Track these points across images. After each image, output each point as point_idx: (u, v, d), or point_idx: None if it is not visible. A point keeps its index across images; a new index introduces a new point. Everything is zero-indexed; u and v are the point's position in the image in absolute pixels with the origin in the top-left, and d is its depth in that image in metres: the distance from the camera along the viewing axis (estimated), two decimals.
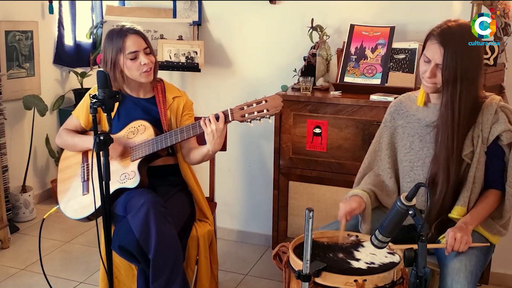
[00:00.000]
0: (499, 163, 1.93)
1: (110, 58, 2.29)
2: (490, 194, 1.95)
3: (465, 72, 1.84)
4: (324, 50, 2.83)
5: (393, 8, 2.83)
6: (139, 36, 2.31)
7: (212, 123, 2.13)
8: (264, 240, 3.36)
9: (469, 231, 1.84)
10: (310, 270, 1.58)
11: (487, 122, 1.90)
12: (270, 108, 2.07)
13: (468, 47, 1.85)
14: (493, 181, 1.95)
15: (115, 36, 2.29)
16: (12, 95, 3.74)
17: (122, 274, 2.32)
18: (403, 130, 2.07)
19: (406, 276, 1.70)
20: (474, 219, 1.89)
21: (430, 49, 1.89)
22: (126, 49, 2.27)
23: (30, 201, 3.77)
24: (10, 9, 3.73)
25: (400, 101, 2.13)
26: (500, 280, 2.87)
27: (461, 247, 1.80)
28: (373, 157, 2.16)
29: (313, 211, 1.52)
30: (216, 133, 2.14)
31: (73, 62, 4.35)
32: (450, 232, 1.83)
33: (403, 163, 2.06)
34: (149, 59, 2.31)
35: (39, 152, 4.10)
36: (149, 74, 2.33)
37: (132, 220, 2.10)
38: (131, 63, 2.28)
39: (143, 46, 2.31)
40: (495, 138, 1.90)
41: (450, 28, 1.87)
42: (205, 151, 2.26)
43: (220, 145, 2.19)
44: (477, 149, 1.90)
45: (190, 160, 2.39)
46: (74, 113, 2.50)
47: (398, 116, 2.10)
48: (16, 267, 3.11)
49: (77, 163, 2.44)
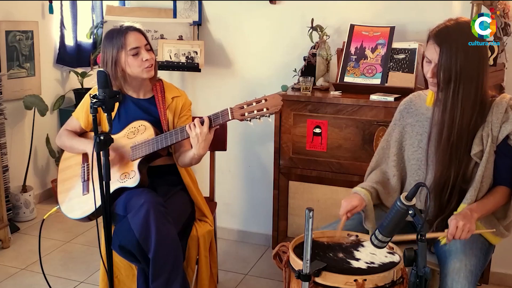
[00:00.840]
0: (508, 161, 1.92)
1: (111, 57, 2.29)
2: (499, 190, 1.93)
3: (462, 71, 1.83)
4: (324, 50, 2.84)
5: (393, 8, 2.84)
6: (139, 33, 2.33)
7: (196, 127, 2.13)
8: (264, 240, 3.36)
9: (473, 219, 1.80)
10: (310, 270, 1.58)
11: (497, 121, 1.89)
12: (270, 107, 2.07)
13: (465, 46, 1.85)
14: (502, 179, 1.94)
15: (115, 34, 2.30)
16: (12, 95, 3.74)
17: (122, 273, 2.32)
18: (412, 129, 2.07)
19: (406, 276, 1.70)
20: (480, 208, 1.86)
21: (429, 49, 1.90)
22: (127, 45, 2.28)
23: (31, 201, 3.77)
24: (11, 9, 3.73)
25: (410, 99, 2.13)
26: (500, 280, 2.87)
27: (463, 235, 1.76)
28: (381, 154, 2.17)
29: (313, 210, 1.52)
30: (201, 137, 2.13)
31: (74, 62, 4.36)
32: (452, 219, 1.79)
33: (411, 161, 2.07)
34: (150, 55, 2.32)
35: (40, 152, 4.10)
36: (151, 70, 2.35)
37: (132, 220, 2.10)
38: (132, 59, 2.29)
39: (144, 42, 2.32)
40: (505, 137, 1.89)
41: (447, 28, 1.88)
42: (191, 154, 2.26)
43: (205, 150, 2.18)
44: (486, 148, 1.89)
45: (180, 163, 2.38)
46: (74, 114, 2.50)
47: (407, 115, 2.10)
48: (17, 266, 3.11)
49: (78, 163, 2.44)
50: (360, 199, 2.01)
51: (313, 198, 2.77)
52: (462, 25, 1.89)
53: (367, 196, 2.03)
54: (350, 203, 1.98)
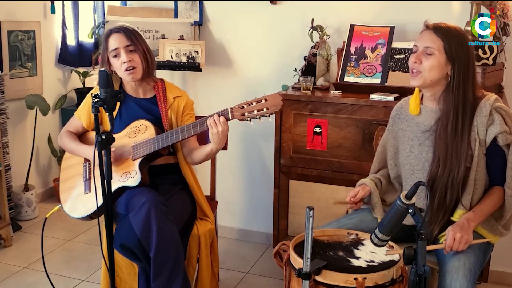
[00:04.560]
0: (500, 161, 1.92)
1: (102, 58, 2.35)
2: (494, 191, 1.94)
3: (458, 61, 1.87)
4: (324, 49, 2.85)
5: (393, 8, 2.84)
6: (121, 34, 2.29)
7: (218, 125, 2.15)
8: (265, 239, 3.37)
9: (470, 229, 1.82)
10: (311, 268, 1.59)
11: (482, 124, 1.88)
12: (270, 106, 2.08)
13: (462, 42, 1.88)
14: (496, 179, 1.94)
15: (105, 36, 2.35)
16: (14, 95, 3.75)
17: (124, 272, 2.33)
18: (404, 134, 2.08)
19: (406, 274, 1.71)
20: (477, 216, 1.87)
21: (420, 37, 1.94)
22: (109, 47, 2.31)
23: (33, 200, 3.79)
24: (13, 9, 3.74)
25: (401, 105, 2.15)
26: (499, 278, 2.88)
27: (460, 247, 1.79)
28: (380, 159, 2.21)
29: (313, 209, 1.53)
30: (222, 134, 2.17)
31: (76, 62, 4.37)
32: (450, 231, 1.82)
33: (405, 166, 2.08)
34: (130, 57, 2.29)
35: (42, 151, 4.11)
36: (132, 73, 2.30)
37: (133, 219, 2.11)
38: (114, 60, 2.32)
39: (124, 43, 2.28)
40: (492, 139, 1.89)
41: (445, 24, 1.92)
42: (208, 149, 2.29)
43: (223, 144, 2.24)
44: (475, 152, 1.89)
45: (193, 160, 2.40)
46: (76, 114, 2.51)
47: (398, 120, 2.12)
48: (19, 265, 3.12)
49: (79, 162, 2.45)
50: (364, 186, 2.06)
51: (314, 197, 2.78)
52: (457, 27, 1.93)
53: (372, 184, 2.08)
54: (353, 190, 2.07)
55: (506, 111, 1.90)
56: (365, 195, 2.07)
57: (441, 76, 1.90)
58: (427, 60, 1.89)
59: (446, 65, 1.88)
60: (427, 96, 2.00)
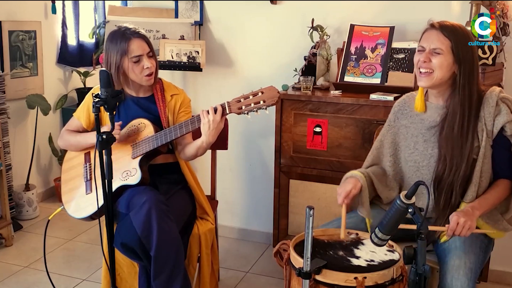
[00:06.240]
0: (506, 153, 1.93)
1: (115, 61, 2.30)
2: (500, 183, 1.94)
3: (464, 61, 1.87)
4: (324, 49, 2.85)
5: (393, 8, 2.85)
6: (143, 40, 2.33)
7: (210, 114, 2.16)
8: (265, 238, 3.38)
9: (474, 216, 1.81)
10: (311, 268, 1.60)
11: (489, 115, 1.90)
12: (267, 99, 2.09)
13: (467, 42, 1.89)
14: (502, 172, 1.95)
15: (119, 38, 2.30)
16: (15, 94, 3.76)
17: (124, 271, 2.34)
18: (407, 130, 2.08)
19: (406, 274, 1.71)
20: (482, 205, 1.86)
21: (425, 37, 1.93)
22: (130, 52, 2.29)
23: (34, 199, 3.79)
24: (14, 9, 3.75)
25: (404, 100, 2.14)
26: (499, 278, 2.88)
27: (463, 232, 1.77)
28: (375, 154, 2.17)
29: (313, 209, 1.53)
30: (212, 124, 2.16)
31: (76, 61, 4.37)
32: (454, 215, 1.80)
33: (408, 163, 2.07)
34: (151, 63, 2.33)
35: (42, 150, 4.12)
36: (150, 79, 2.36)
37: (134, 218, 2.12)
38: (134, 66, 2.31)
39: (146, 50, 2.33)
40: (500, 129, 1.90)
41: (450, 23, 1.92)
42: (199, 143, 2.27)
43: (214, 137, 2.21)
44: (482, 143, 1.90)
45: (185, 155, 2.39)
46: (75, 115, 2.52)
47: (402, 116, 2.11)
48: (19, 264, 3.13)
49: (80, 163, 2.46)
50: (354, 181, 2.00)
51: (314, 196, 2.79)
52: (461, 26, 1.93)
53: (363, 178, 2.02)
54: (345, 189, 1.98)
55: (511, 101, 1.92)
56: (357, 193, 2.02)
57: (449, 75, 1.92)
58: (436, 58, 1.90)
59: (454, 64, 1.90)
60: (433, 93, 2.01)
